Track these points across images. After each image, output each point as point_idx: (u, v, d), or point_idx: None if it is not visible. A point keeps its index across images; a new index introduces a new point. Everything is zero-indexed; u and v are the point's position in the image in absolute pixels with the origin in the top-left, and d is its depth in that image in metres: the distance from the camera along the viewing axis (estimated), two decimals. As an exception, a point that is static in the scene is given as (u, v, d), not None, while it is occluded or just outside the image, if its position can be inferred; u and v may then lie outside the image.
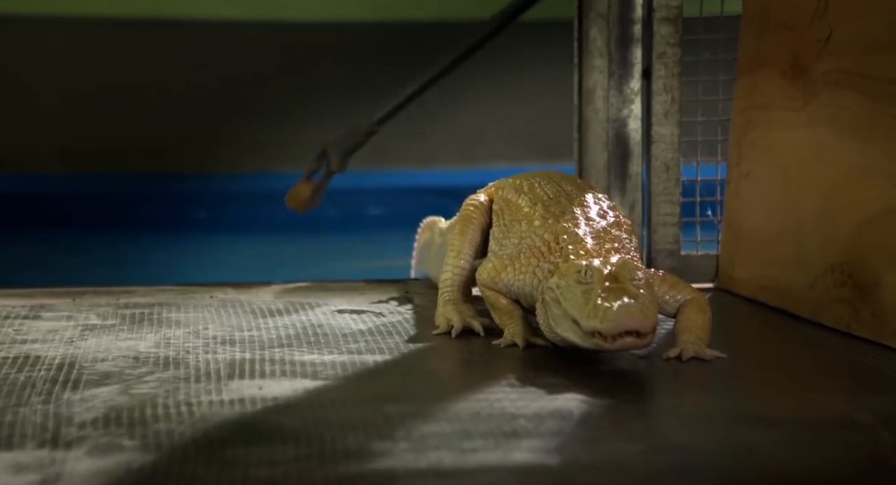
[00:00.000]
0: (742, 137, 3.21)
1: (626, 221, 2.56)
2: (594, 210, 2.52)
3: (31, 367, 2.40)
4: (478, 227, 2.74)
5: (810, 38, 2.85)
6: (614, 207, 2.59)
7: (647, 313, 2.15)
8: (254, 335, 2.72)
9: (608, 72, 3.36)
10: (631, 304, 2.15)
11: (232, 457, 1.81)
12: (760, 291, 3.07)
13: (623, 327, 2.14)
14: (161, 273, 5.63)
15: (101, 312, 3.01)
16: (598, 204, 2.56)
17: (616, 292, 2.17)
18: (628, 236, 2.49)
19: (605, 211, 2.53)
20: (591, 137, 3.39)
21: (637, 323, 2.13)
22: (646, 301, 2.18)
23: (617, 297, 2.16)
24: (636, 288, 2.19)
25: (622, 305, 2.14)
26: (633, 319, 2.13)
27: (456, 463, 1.79)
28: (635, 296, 2.17)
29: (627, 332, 2.14)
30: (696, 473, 1.75)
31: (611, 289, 2.18)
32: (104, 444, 1.88)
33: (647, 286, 2.23)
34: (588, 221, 2.47)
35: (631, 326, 2.14)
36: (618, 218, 2.53)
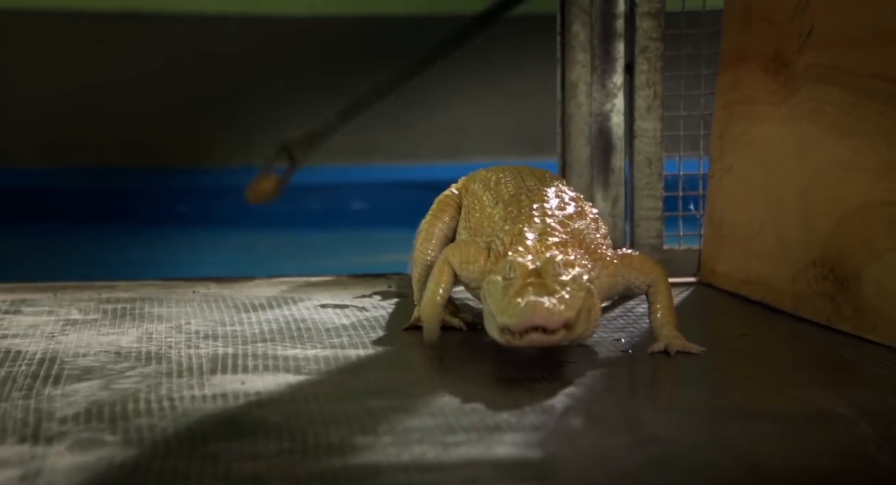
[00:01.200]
0: (724, 132, 3.22)
1: (591, 211, 2.55)
2: (553, 204, 2.50)
3: (12, 362, 2.39)
4: (449, 218, 2.75)
5: (792, 32, 2.86)
6: (577, 198, 2.58)
7: (554, 311, 2.10)
8: (236, 330, 2.71)
9: (591, 66, 3.36)
10: (538, 300, 2.10)
11: (214, 452, 1.81)
12: (742, 285, 3.08)
13: (528, 323, 2.10)
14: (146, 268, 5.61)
15: (82, 307, 3.00)
16: (559, 197, 2.54)
17: (533, 288, 2.14)
18: (594, 225, 2.49)
19: (564, 204, 2.52)
20: (574, 132, 3.40)
21: (542, 320, 2.09)
22: (563, 297, 2.14)
23: (530, 293, 2.13)
24: (560, 284, 2.16)
25: (530, 301, 2.10)
26: (537, 315, 2.09)
27: (439, 457, 1.79)
28: (552, 292, 2.13)
29: (536, 328, 2.10)
30: (676, 466, 1.76)
31: (530, 285, 2.15)
32: (85, 439, 1.88)
33: (574, 282, 2.19)
34: (544, 216, 2.44)
35: (536, 323, 2.09)
36: (580, 208, 2.52)
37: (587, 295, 2.22)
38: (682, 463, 1.78)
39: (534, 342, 2.12)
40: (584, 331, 2.23)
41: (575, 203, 2.54)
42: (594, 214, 2.56)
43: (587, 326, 2.24)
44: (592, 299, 2.26)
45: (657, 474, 1.72)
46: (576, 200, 2.56)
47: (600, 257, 2.42)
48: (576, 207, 2.52)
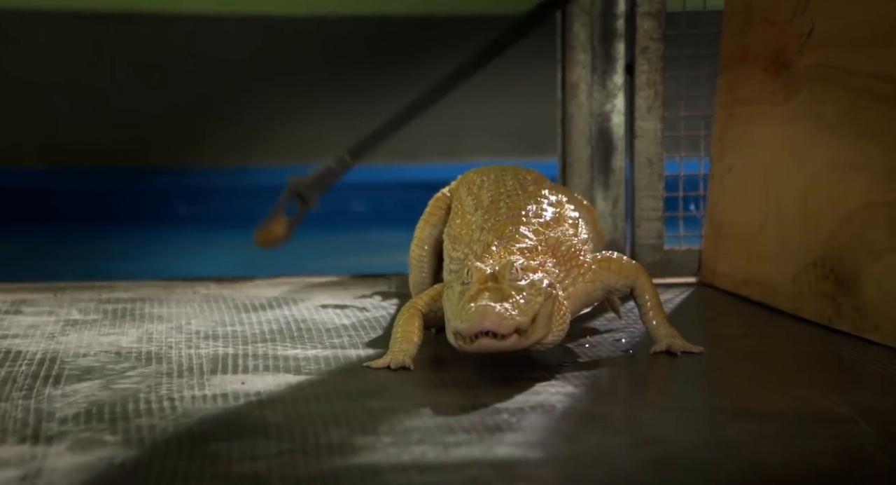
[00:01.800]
0: (724, 132, 3.22)
1: (571, 215, 2.53)
2: (530, 210, 2.48)
3: (12, 362, 2.39)
4: (439, 221, 2.75)
5: (792, 33, 2.86)
6: (558, 202, 2.55)
7: (505, 316, 2.07)
8: (237, 330, 2.71)
9: (591, 67, 3.36)
10: (488, 305, 2.07)
11: (214, 452, 1.81)
12: (742, 285, 3.08)
13: (477, 328, 2.07)
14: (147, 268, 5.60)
15: (82, 307, 3.00)
16: (538, 202, 2.52)
17: (487, 293, 2.12)
18: (572, 231, 2.46)
19: (542, 210, 2.49)
20: (575, 132, 3.40)
21: (492, 325, 2.06)
22: (517, 302, 2.11)
23: (483, 298, 2.11)
24: (516, 289, 2.14)
25: (480, 306, 2.07)
26: (487, 320, 2.06)
27: (439, 457, 1.79)
28: (506, 297, 2.12)
29: (486, 333, 2.08)
30: (676, 466, 1.76)
31: (485, 290, 2.13)
32: (86, 439, 1.88)
33: (531, 287, 2.16)
34: (518, 224, 2.43)
35: (486, 327, 2.06)
36: (558, 214, 2.49)
37: (547, 300, 2.19)
38: (682, 463, 1.78)
39: (483, 347, 2.09)
40: (542, 337, 2.20)
41: (554, 209, 2.51)
42: (573, 218, 2.52)
43: (546, 332, 2.21)
44: (555, 305, 2.24)
45: (657, 474, 1.73)
46: (556, 205, 2.53)
47: (577, 264, 2.39)
48: (554, 213, 2.50)
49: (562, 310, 2.28)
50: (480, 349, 2.10)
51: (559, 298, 2.27)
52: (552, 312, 2.23)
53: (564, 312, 2.29)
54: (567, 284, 2.36)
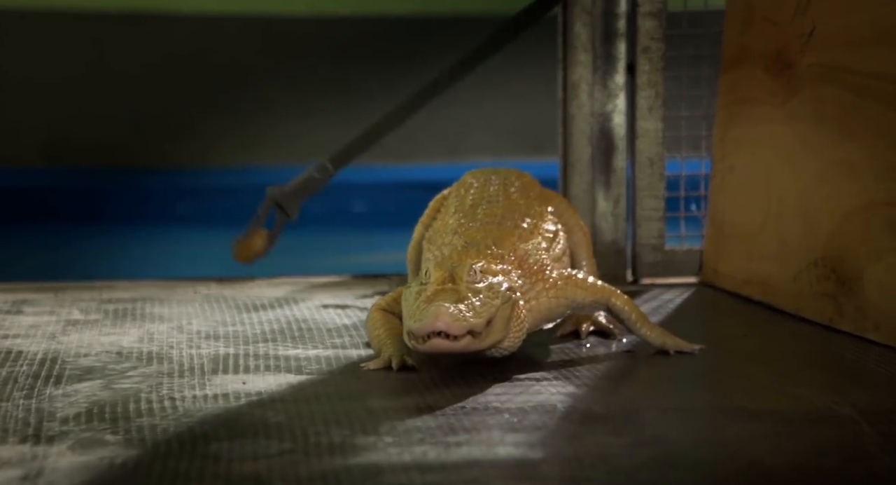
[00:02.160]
0: (725, 132, 3.22)
1: (547, 229, 2.49)
2: (506, 219, 2.45)
3: (13, 362, 2.39)
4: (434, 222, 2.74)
5: (793, 32, 2.86)
6: (539, 213, 2.52)
7: (458, 317, 2.07)
8: (238, 330, 2.71)
9: (592, 67, 3.36)
10: (441, 306, 2.07)
11: (216, 452, 1.81)
12: (744, 285, 3.08)
13: (429, 328, 2.06)
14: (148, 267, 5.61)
15: (83, 307, 3.00)
16: (516, 210, 2.48)
17: (443, 294, 2.12)
18: (545, 244, 2.44)
19: (519, 219, 2.45)
20: (576, 132, 3.40)
21: (444, 325, 2.06)
22: (472, 304, 2.10)
23: (438, 298, 2.11)
24: (473, 291, 2.13)
25: (433, 306, 2.07)
26: (439, 320, 2.05)
27: (440, 457, 1.79)
28: (462, 299, 2.11)
29: (439, 333, 2.07)
30: (677, 466, 1.76)
31: (442, 291, 2.13)
32: (87, 439, 1.88)
33: (489, 290, 2.15)
34: (488, 231, 2.40)
35: (438, 328, 2.06)
36: (533, 226, 2.45)
37: (505, 304, 2.18)
38: (683, 463, 1.77)
39: (435, 347, 2.09)
40: (498, 340, 2.19)
41: (530, 220, 2.48)
42: (550, 232, 2.50)
43: (503, 336, 2.20)
44: (514, 310, 2.22)
45: (658, 474, 1.72)
46: (533, 216, 2.50)
47: (542, 278, 2.36)
48: (530, 224, 2.47)
49: (521, 316, 2.26)
50: (432, 349, 2.09)
51: (518, 303, 2.25)
52: (510, 317, 2.21)
53: (523, 319, 2.27)
54: (530, 297, 2.33)
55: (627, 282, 3.35)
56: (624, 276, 3.36)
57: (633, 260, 3.39)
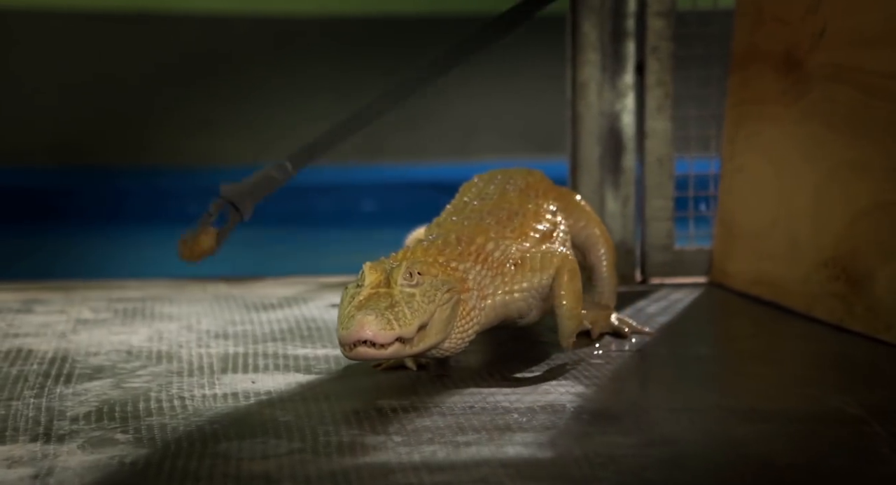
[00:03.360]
0: (735, 132, 3.21)
1: (539, 226, 2.43)
2: (491, 217, 2.39)
3: (24, 361, 2.40)
4: None
5: (804, 32, 2.85)
6: (534, 212, 2.45)
7: (383, 326, 2.03)
8: (247, 329, 2.72)
9: (601, 66, 3.35)
10: (366, 316, 2.03)
11: (225, 451, 1.81)
12: (753, 285, 3.07)
13: (354, 337, 2.02)
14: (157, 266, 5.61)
15: (93, 306, 3.00)
16: (504, 209, 2.43)
17: (373, 299, 2.09)
18: (530, 243, 2.38)
19: (506, 219, 2.40)
20: (584, 132, 3.39)
21: (369, 334, 2.02)
22: (402, 312, 2.06)
23: (368, 304, 2.06)
24: (407, 296, 2.09)
25: (359, 314, 2.04)
26: (363, 329, 2.02)
27: (449, 457, 1.79)
28: (392, 304, 2.06)
29: (365, 341, 2.04)
30: (687, 466, 1.76)
31: (373, 295, 2.09)
32: (97, 438, 1.88)
33: (424, 295, 2.11)
34: (461, 228, 2.35)
35: (362, 337, 2.02)
36: (520, 223, 2.40)
37: (444, 306, 2.15)
38: (692, 463, 1.77)
39: (361, 355, 2.05)
40: (435, 343, 2.15)
41: (519, 217, 2.42)
42: (542, 230, 2.43)
43: (441, 338, 2.16)
44: (454, 310, 2.18)
45: (667, 474, 1.72)
46: (527, 214, 2.44)
47: (501, 272, 2.31)
48: (515, 221, 2.41)
49: (469, 315, 2.23)
50: (358, 357, 2.06)
51: (465, 302, 2.22)
52: (451, 318, 2.18)
53: (471, 321, 2.24)
54: (488, 293, 2.29)
55: (636, 282, 3.34)
56: (633, 276, 3.35)
57: (642, 260, 3.38)
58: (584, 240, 2.62)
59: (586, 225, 2.63)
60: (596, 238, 2.63)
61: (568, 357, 2.41)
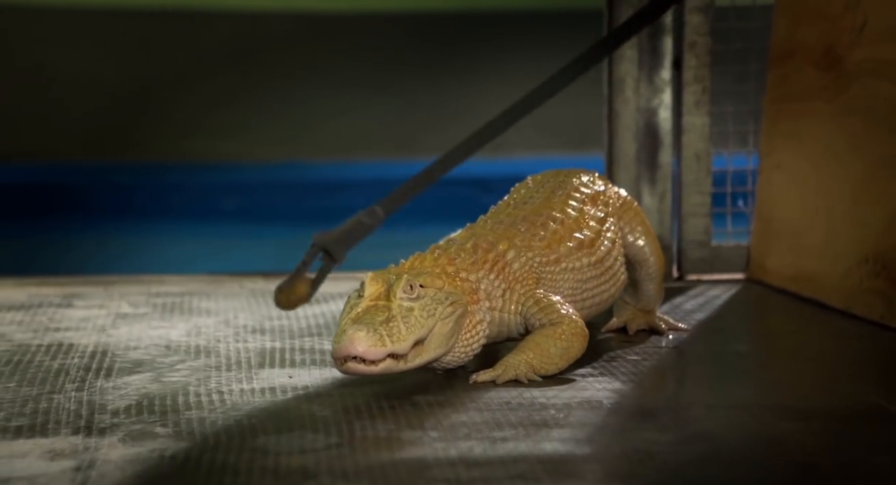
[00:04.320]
0: (773, 128, 3.18)
1: (574, 236, 2.34)
2: (525, 224, 2.33)
3: (65, 355, 2.43)
4: None
5: (844, 27, 2.82)
6: (573, 222, 2.36)
7: (375, 341, 2.02)
8: (283, 325, 2.73)
9: (638, 62, 3.34)
10: (357, 332, 2.01)
11: (263, 445, 1.83)
12: (792, 281, 3.05)
13: (344, 352, 2.01)
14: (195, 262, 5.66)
15: (132, 301, 3.03)
16: (541, 215, 2.35)
17: (370, 312, 2.05)
18: (561, 254, 2.31)
19: (538, 226, 2.33)
20: (621, 128, 3.38)
21: (359, 350, 2.01)
22: (395, 327, 2.04)
23: (364, 318, 2.04)
24: (404, 310, 2.06)
25: (351, 330, 2.02)
26: (353, 346, 2.01)
27: (486, 452, 1.79)
28: (389, 319, 2.04)
29: (355, 357, 2.01)
30: (725, 463, 1.75)
31: (371, 308, 2.07)
32: (137, 431, 1.90)
33: (423, 309, 2.07)
34: (485, 234, 2.29)
35: (352, 353, 2.01)
36: (554, 236, 2.32)
37: (445, 320, 2.11)
38: (730, 460, 1.76)
39: (351, 371, 2.04)
40: (435, 357, 2.12)
41: (555, 225, 2.34)
42: (574, 243, 2.34)
43: (442, 352, 2.13)
44: (458, 323, 2.14)
45: (705, 472, 1.71)
46: (567, 222, 2.35)
47: (512, 289, 2.24)
48: (550, 230, 2.33)
49: (475, 330, 2.19)
50: (348, 372, 2.05)
51: (473, 316, 2.18)
52: (453, 332, 2.14)
53: (477, 335, 2.20)
54: (497, 306, 2.23)
55: (673, 278, 3.33)
56: (670, 272, 3.34)
57: (678, 256, 3.37)
58: (634, 253, 2.51)
59: (639, 238, 2.52)
60: (646, 255, 2.52)
61: (604, 354, 2.40)
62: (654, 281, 2.55)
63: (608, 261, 2.41)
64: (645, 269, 2.53)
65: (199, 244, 6.50)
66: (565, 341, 2.20)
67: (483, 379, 2.17)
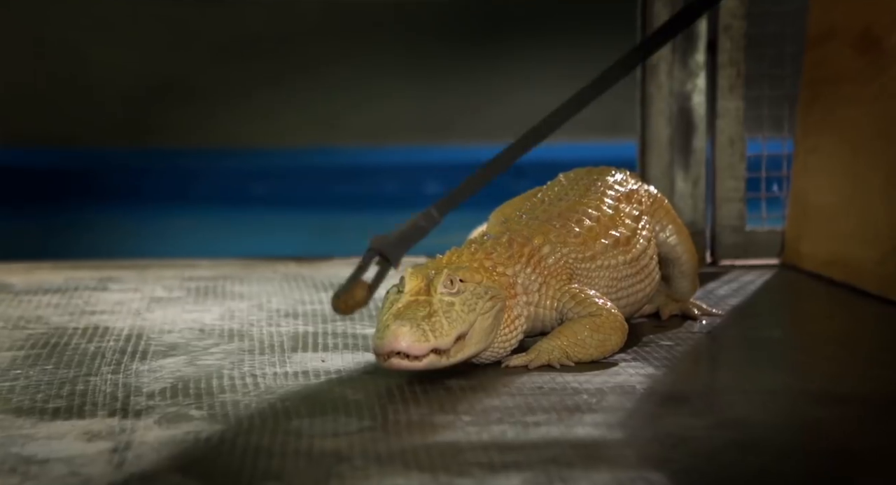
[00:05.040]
0: (809, 111, 3.15)
1: (610, 233, 2.33)
2: (559, 219, 2.32)
3: (101, 338, 2.45)
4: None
5: (883, 8, 2.79)
6: (611, 218, 2.36)
7: (418, 336, 2.01)
8: (316, 309, 2.74)
9: (672, 45, 3.31)
10: (401, 325, 2.01)
11: (297, 428, 1.84)
12: (827, 266, 3.02)
13: (387, 348, 2.01)
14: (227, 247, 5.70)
15: (166, 285, 3.06)
16: (575, 212, 2.34)
17: (412, 307, 2.05)
18: (596, 251, 2.30)
19: (573, 224, 2.32)
20: (654, 112, 3.36)
21: (403, 346, 2.00)
22: (438, 322, 2.03)
23: (405, 314, 2.04)
24: (445, 305, 2.05)
25: (394, 325, 2.02)
26: (397, 341, 2.00)
27: (519, 437, 1.79)
28: (430, 314, 2.04)
29: (398, 352, 2.01)
30: (760, 448, 1.74)
31: (412, 303, 2.06)
32: (172, 414, 1.92)
33: (463, 303, 2.07)
34: (519, 228, 2.30)
35: (396, 349, 2.00)
36: (589, 233, 2.31)
37: (485, 315, 2.10)
38: (766, 446, 1.75)
39: (394, 367, 2.03)
40: (476, 352, 2.12)
41: (587, 222, 2.33)
42: (609, 240, 2.32)
43: (483, 347, 2.13)
44: (497, 317, 2.14)
45: (740, 457, 1.71)
46: (595, 221, 2.33)
47: (548, 284, 2.23)
48: (585, 227, 2.32)
49: (514, 325, 2.19)
50: (392, 368, 2.04)
51: (511, 310, 2.18)
52: (493, 327, 2.14)
53: (515, 330, 2.19)
54: (533, 300, 2.23)
55: (706, 264, 3.31)
56: (703, 258, 3.32)
57: (712, 241, 3.35)
58: (667, 251, 2.51)
59: (671, 236, 2.51)
60: (679, 252, 2.51)
61: (637, 339, 2.39)
62: (687, 278, 2.55)
63: (643, 259, 2.40)
64: (678, 266, 2.53)
65: (231, 229, 6.53)
66: (603, 333, 2.20)
67: (516, 364, 2.18)
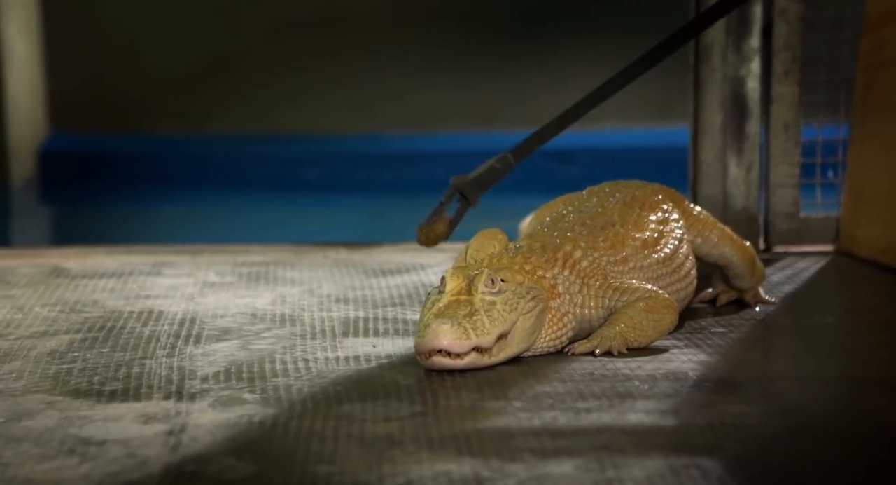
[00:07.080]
0: (866, 96, 3.10)
1: (636, 236, 2.34)
2: (588, 227, 2.32)
3: (156, 321, 2.49)
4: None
5: (942, -9, 2.73)
6: (640, 224, 2.36)
7: (460, 334, 2.01)
8: (367, 294, 2.76)
9: (726, 30, 3.27)
10: (441, 326, 2.01)
11: (349, 412, 1.85)
12: (883, 253, 2.98)
13: (429, 346, 2.01)
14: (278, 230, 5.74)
15: (219, 270, 3.09)
16: (594, 221, 2.34)
17: (453, 306, 2.05)
18: (627, 253, 2.30)
19: (600, 229, 2.32)
20: (707, 97, 3.32)
21: (444, 343, 2.00)
22: (480, 321, 2.03)
23: (447, 312, 2.04)
24: (486, 304, 2.05)
25: (435, 323, 2.02)
26: (438, 340, 2.00)
27: (570, 423, 1.79)
28: (472, 313, 2.04)
29: (440, 351, 2.01)
30: (814, 436, 1.72)
31: (453, 302, 2.06)
32: (226, 397, 1.94)
33: (504, 303, 2.07)
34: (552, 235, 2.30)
35: (437, 347, 2.00)
36: (616, 237, 2.31)
37: (528, 314, 2.10)
38: (821, 433, 1.73)
39: (437, 365, 2.03)
40: (519, 351, 2.11)
41: (613, 228, 2.33)
42: (637, 243, 2.33)
43: (526, 346, 2.12)
44: (539, 317, 2.13)
45: (795, 444, 1.69)
46: (620, 226, 2.33)
47: (588, 285, 2.23)
48: (611, 232, 2.32)
49: (563, 323, 2.18)
50: (434, 366, 2.04)
51: (558, 309, 2.18)
52: (535, 327, 2.13)
53: (564, 327, 2.18)
54: (576, 303, 2.22)
55: (760, 250, 3.28)
56: (756, 244, 3.28)
57: (765, 228, 3.31)
58: (716, 259, 2.50)
59: (717, 244, 2.49)
60: (728, 257, 2.50)
61: (690, 325, 2.37)
62: (744, 279, 2.54)
63: (677, 259, 2.39)
64: (732, 269, 2.52)
65: (282, 214, 6.58)
66: (657, 313, 2.20)
67: (581, 350, 2.17)
